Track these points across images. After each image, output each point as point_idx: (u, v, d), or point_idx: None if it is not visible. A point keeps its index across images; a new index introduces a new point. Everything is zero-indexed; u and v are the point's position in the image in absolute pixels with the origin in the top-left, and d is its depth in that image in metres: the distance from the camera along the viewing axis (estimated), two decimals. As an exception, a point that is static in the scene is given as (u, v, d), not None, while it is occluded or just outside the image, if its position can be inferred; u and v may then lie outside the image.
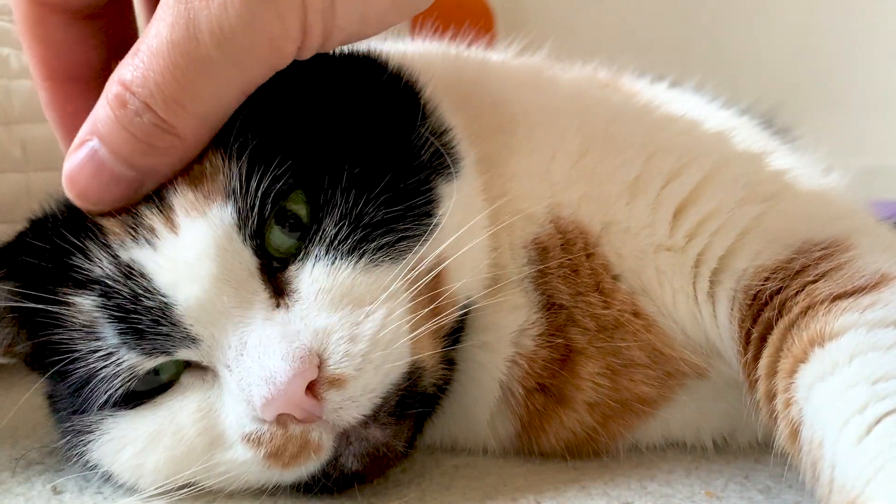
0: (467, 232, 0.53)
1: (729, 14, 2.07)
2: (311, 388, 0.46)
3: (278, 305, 0.48)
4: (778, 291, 0.54)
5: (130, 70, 0.45)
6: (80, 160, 0.47)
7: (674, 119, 0.66)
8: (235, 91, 0.46)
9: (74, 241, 0.50)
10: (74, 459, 0.54)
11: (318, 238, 0.49)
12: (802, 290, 0.53)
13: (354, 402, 0.47)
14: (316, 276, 0.49)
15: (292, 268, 0.49)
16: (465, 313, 0.56)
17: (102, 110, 0.46)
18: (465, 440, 0.62)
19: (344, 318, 0.48)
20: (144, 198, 0.49)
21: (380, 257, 0.49)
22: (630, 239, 0.58)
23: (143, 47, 0.45)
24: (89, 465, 0.54)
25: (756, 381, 0.53)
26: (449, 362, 0.55)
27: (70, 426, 0.53)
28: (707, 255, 0.57)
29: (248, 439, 0.48)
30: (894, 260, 0.54)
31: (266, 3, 0.43)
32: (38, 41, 0.51)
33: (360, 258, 0.49)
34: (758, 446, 0.62)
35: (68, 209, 0.53)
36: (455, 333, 0.56)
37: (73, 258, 0.50)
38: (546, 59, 0.73)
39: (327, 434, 0.48)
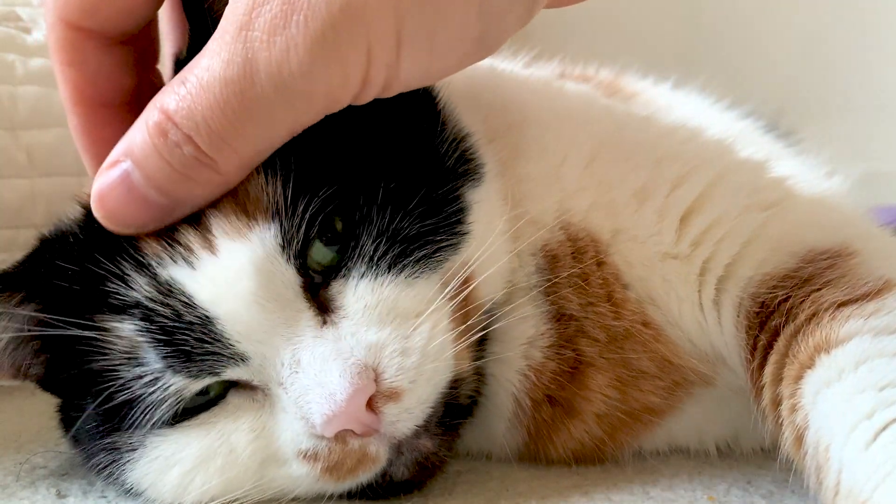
0: (493, 239, 0.53)
1: (732, 19, 2.07)
2: (370, 403, 0.47)
3: (325, 322, 0.48)
4: (786, 299, 0.54)
5: (175, 100, 0.43)
6: (112, 181, 0.46)
7: (678, 126, 0.66)
8: (283, 133, 0.45)
9: (108, 265, 0.49)
10: (110, 478, 0.53)
11: (357, 254, 0.49)
12: (808, 297, 0.53)
13: (410, 414, 0.48)
14: (361, 292, 0.49)
15: (334, 284, 0.49)
16: (488, 323, 0.56)
17: (140, 134, 0.45)
18: (474, 449, 0.62)
19: (394, 332, 0.48)
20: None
21: (419, 270, 0.50)
22: (638, 247, 0.58)
23: (193, 79, 0.43)
24: (126, 484, 0.52)
25: (762, 387, 0.53)
26: (478, 373, 0.55)
27: (108, 443, 0.52)
28: (713, 263, 0.57)
29: (305, 456, 0.49)
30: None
31: (331, 52, 0.42)
32: (72, 66, 0.50)
33: (401, 272, 0.49)
34: (761, 452, 0.62)
35: (99, 229, 0.50)
36: (480, 344, 0.55)
37: (109, 283, 0.49)
38: (554, 70, 0.73)
39: (383, 446, 0.49)
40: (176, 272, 0.48)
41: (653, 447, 0.62)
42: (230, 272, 0.47)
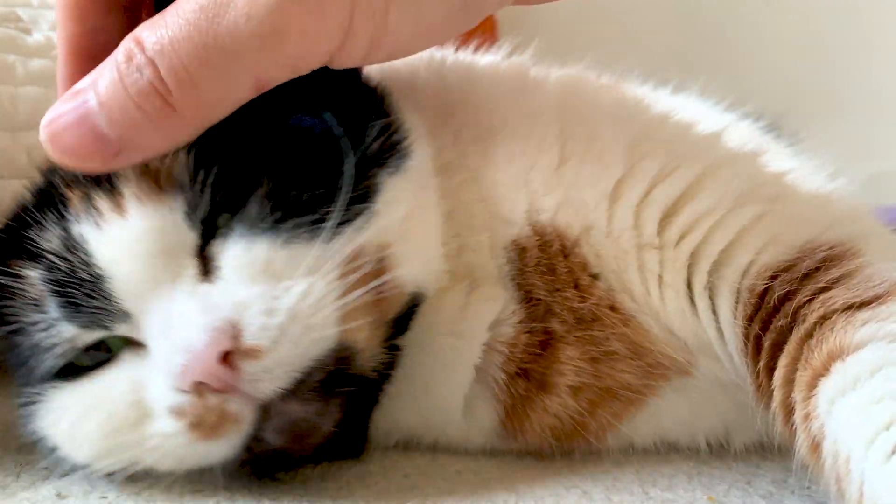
0: (414, 224, 0.55)
1: (732, 21, 2.07)
2: (228, 359, 0.47)
3: (204, 281, 0.50)
4: (787, 296, 0.54)
5: (149, 28, 0.43)
6: (68, 106, 0.45)
7: (664, 122, 0.66)
8: (248, 80, 0.44)
9: (35, 214, 0.53)
10: (33, 435, 0.56)
11: (240, 215, 0.51)
12: (815, 297, 0.53)
13: (270, 374, 0.48)
14: (237, 251, 0.50)
15: (215, 243, 0.51)
16: (415, 303, 0.57)
17: (108, 63, 0.44)
18: (446, 434, 0.63)
19: (263, 292, 0.49)
20: (95, 181, 0.51)
21: (300, 233, 0.51)
22: (612, 242, 0.59)
23: (170, 10, 0.43)
24: (38, 436, 0.55)
25: (771, 391, 0.53)
26: (392, 348, 0.56)
27: (24, 401, 0.55)
28: (707, 250, 0.57)
29: (173, 411, 0.50)
30: None
31: None
32: (74, 21, 0.51)
33: (279, 234, 0.50)
34: (760, 451, 0.62)
35: (43, 188, 0.56)
36: (405, 321, 0.57)
37: (30, 231, 0.53)
38: (532, 58, 0.72)
39: (246, 406, 0.49)
40: (86, 230, 0.51)
41: (642, 440, 0.62)
42: (133, 233, 0.50)
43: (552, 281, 0.59)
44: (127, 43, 0.44)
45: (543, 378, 0.60)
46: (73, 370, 0.53)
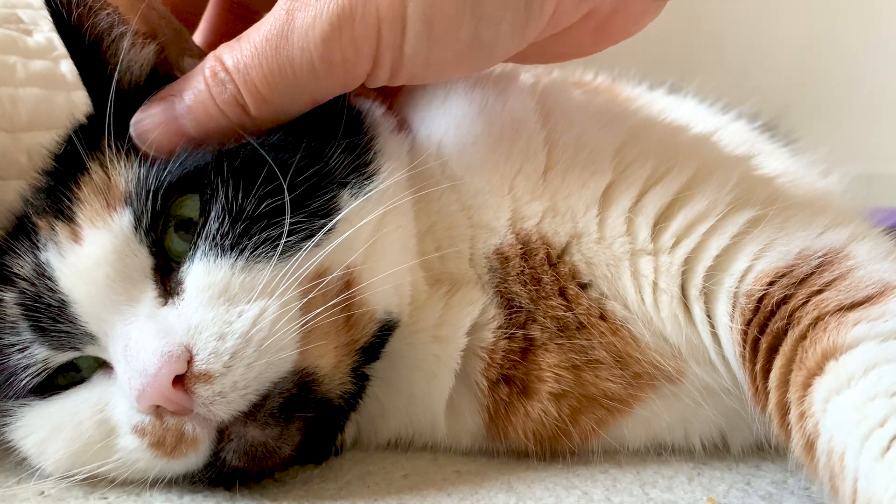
0: (381, 246, 0.55)
1: (731, 23, 2.07)
2: (183, 382, 0.48)
3: (166, 304, 0.51)
4: (784, 300, 0.54)
5: (227, 51, 0.53)
6: (157, 108, 0.54)
7: (653, 125, 0.65)
8: (306, 96, 0.54)
9: (11, 241, 0.55)
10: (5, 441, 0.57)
11: (203, 233, 0.51)
12: (810, 300, 0.54)
13: (224, 398, 0.49)
14: (198, 274, 0.51)
15: (183, 267, 0.52)
16: (388, 331, 0.57)
17: (194, 76, 0.54)
18: (433, 436, 0.63)
19: (218, 316, 0.50)
20: (55, 210, 0.54)
21: (261, 253, 0.51)
22: (603, 249, 0.59)
23: (245, 36, 0.53)
24: (10, 445, 0.57)
25: (767, 392, 0.54)
26: (361, 377, 0.57)
27: None
28: (703, 255, 0.57)
29: (135, 430, 0.51)
30: (894, 268, 0.55)
31: (344, 30, 0.51)
32: None
33: (241, 254, 0.51)
34: (760, 452, 0.62)
35: (22, 217, 0.57)
36: (376, 349, 0.57)
37: (5, 257, 0.55)
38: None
39: (203, 428, 0.50)
40: (51, 257, 0.53)
41: (634, 443, 0.62)
42: (90, 260, 0.51)
43: (536, 290, 0.59)
44: (211, 61, 0.54)
45: (525, 384, 0.60)
46: (48, 387, 0.55)
